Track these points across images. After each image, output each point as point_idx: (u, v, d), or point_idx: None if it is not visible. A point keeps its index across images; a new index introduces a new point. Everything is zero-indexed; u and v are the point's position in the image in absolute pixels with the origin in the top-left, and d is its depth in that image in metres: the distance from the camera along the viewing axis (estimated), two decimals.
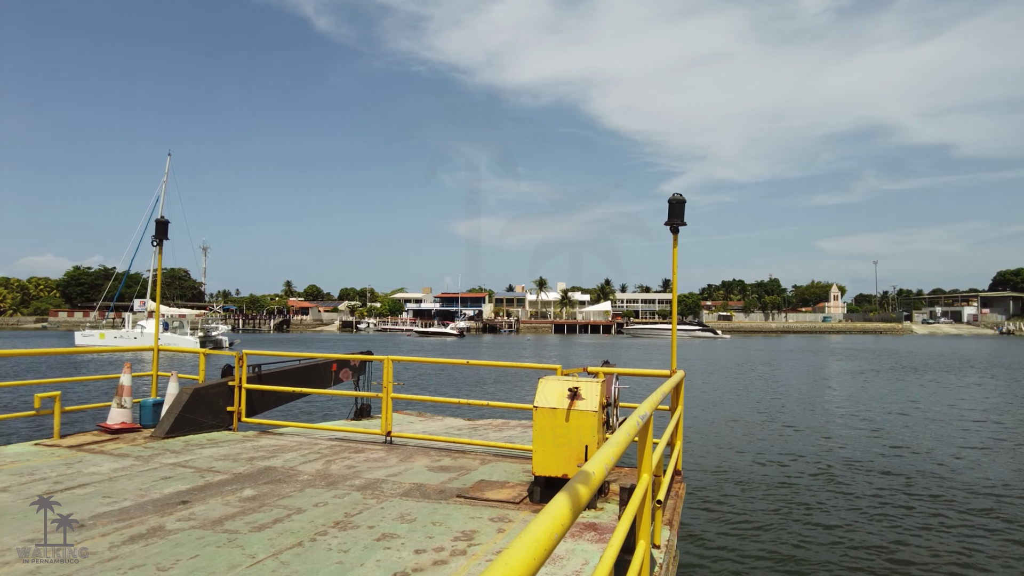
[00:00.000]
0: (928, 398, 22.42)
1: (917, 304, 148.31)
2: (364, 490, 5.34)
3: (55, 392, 7.53)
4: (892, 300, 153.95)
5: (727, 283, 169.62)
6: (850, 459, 12.48)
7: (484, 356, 50.78)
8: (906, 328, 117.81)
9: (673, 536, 4.48)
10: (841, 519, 8.85)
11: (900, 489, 10.41)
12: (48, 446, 6.83)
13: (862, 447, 13.67)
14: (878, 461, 12.35)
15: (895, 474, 11.39)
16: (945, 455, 12.92)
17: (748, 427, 15.93)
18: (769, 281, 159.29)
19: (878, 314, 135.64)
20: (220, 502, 4.85)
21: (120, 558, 3.67)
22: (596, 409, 4.91)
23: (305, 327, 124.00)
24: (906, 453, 13.13)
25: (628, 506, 2.80)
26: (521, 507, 4.96)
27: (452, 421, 9.68)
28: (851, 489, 10.36)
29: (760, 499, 9.86)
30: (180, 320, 54.53)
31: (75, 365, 30.90)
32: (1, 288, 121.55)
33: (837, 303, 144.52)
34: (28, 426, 13.04)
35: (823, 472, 11.47)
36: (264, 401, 8.57)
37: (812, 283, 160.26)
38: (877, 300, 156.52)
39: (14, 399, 17.26)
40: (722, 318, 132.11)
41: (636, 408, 3.05)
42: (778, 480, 10.96)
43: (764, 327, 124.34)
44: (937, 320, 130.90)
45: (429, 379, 26.84)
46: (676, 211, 5.81)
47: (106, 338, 52.04)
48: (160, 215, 8.62)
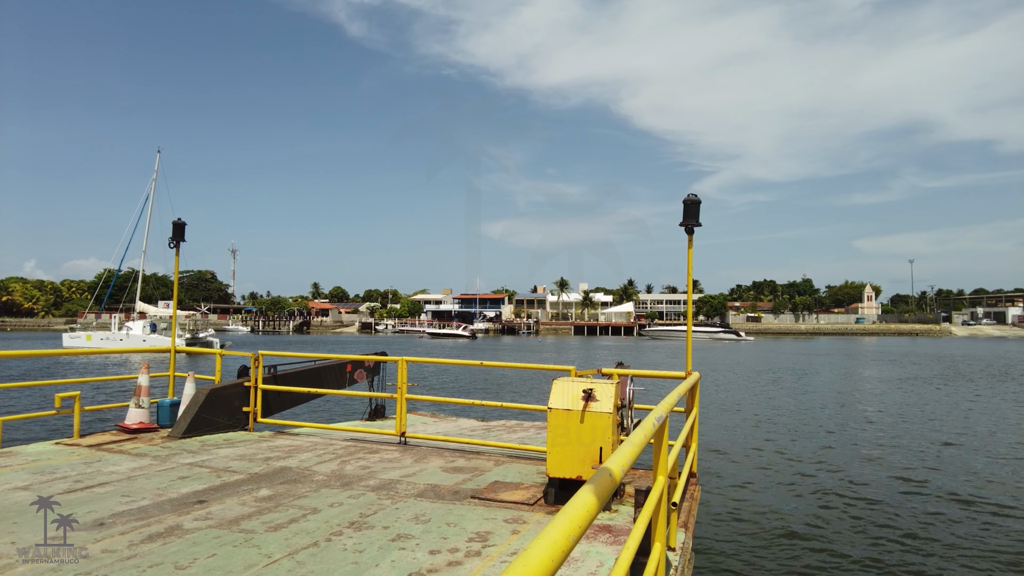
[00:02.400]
0: (983, 412, 19.87)
1: (957, 305, 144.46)
2: (379, 491, 5.43)
3: (75, 392, 7.79)
4: (930, 301, 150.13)
5: (758, 284, 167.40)
6: (877, 473, 12.09)
7: (494, 359, 50.74)
8: (944, 330, 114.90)
9: (688, 539, 4.50)
10: (862, 531, 8.71)
11: (936, 511, 9.44)
12: (68, 445, 7.05)
13: (894, 462, 13.15)
14: (910, 476, 11.99)
15: (928, 494, 10.40)
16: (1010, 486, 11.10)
17: (767, 431, 15.77)
18: (802, 281, 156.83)
19: (914, 315, 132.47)
20: (236, 502, 4.97)
21: (139, 556, 3.78)
22: (611, 411, 4.95)
23: (325, 328, 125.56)
24: (949, 476, 11.68)
25: (644, 508, 2.82)
26: (535, 509, 5.02)
27: (466, 422, 9.78)
28: (876, 501, 10.09)
29: (776, 503, 9.79)
30: (169, 321, 54.28)
31: (63, 367, 30.44)
32: (35, 291, 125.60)
33: (871, 304, 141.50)
34: (43, 426, 13.46)
35: (845, 484, 11.14)
36: (280, 401, 8.75)
37: (846, 283, 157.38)
38: (915, 301, 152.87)
39: (32, 400, 17.80)
40: (750, 319, 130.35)
41: (651, 410, 3.07)
42: (796, 487, 10.85)
43: (793, 329, 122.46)
44: (978, 321, 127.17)
45: (442, 380, 27.01)
46: (691, 212, 5.85)
47: (92, 340, 51.29)
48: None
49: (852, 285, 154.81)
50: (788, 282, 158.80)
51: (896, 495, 10.32)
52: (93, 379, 11.10)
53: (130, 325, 51.89)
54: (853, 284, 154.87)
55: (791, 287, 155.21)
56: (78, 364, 32.31)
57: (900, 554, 7.79)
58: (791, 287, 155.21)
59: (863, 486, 10.80)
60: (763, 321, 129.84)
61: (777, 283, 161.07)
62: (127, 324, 52.60)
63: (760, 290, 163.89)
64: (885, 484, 10.96)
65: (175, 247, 8.60)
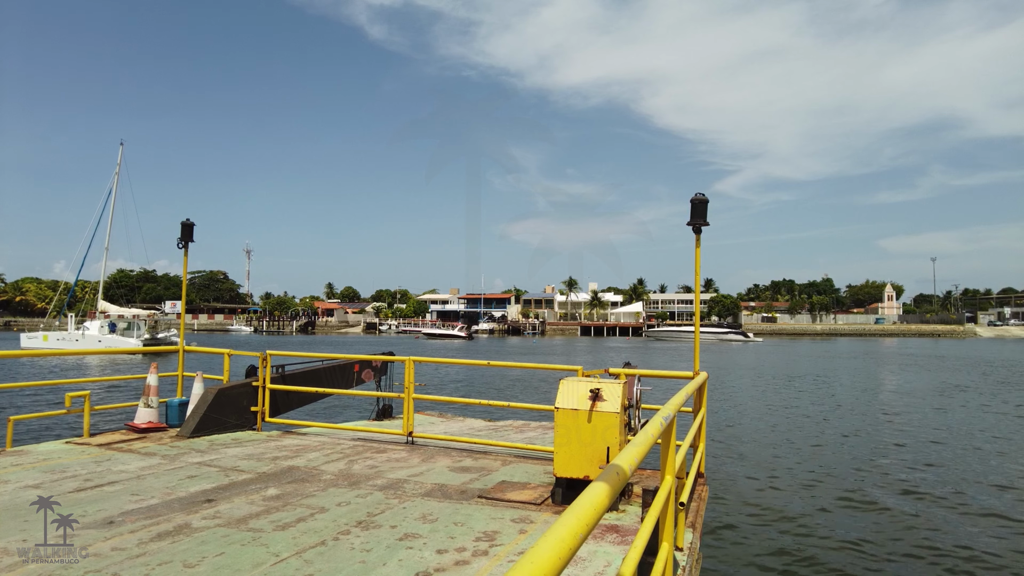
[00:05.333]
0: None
1: (984, 304, 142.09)
2: (386, 490, 5.53)
3: (85, 392, 7.98)
4: (955, 300, 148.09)
5: (776, 283, 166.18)
6: (893, 479, 11.89)
7: (491, 361, 50.22)
8: (968, 330, 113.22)
9: (696, 539, 4.57)
10: (874, 538, 8.70)
11: (960, 525, 9.02)
12: (78, 444, 7.21)
13: (911, 469, 13.02)
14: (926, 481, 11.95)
15: (952, 505, 9.91)
16: None
17: (778, 432, 15.77)
18: (821, 281, 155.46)
19: (936, 315, 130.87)
20: (245, 501, 5.08)
21: (148, 554, 3.87)
22: (618, 410, 5.02)
23: (330, 328, 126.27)
24: (979, 489, 10.88)
25: (651, 508, 2.86)
26: (543, 508, 5.10)
27: (473, 422, 9.89)
28: (889, 509, 9.94)
29: (786, 504, 9.84)
30: (132, 321, 51.70)
31: (19, 367, 29.76)
32: (49, 291, 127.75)
33: (891, 304, 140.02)
34: (58, 424, 13.73)
35: (858, 489, 10.99)
36: (287, 401, 8.91)
37: (867, 283, 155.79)
38: (939, 300, 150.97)
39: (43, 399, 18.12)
40: (765, 320, 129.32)
41: (659, 410, 3.11)
42: (806, 488, 10.86)
43: (809, 329, 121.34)
44: (1005, 322, 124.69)
45: (446, 380, 27.14)
46: (699, 211, 5.88)
47: (49, 340, 49.82)
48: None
49: (873, 285, 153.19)
50: (808, 281, 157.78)
51: (912, 503, 10.25)
52: (102, 379, 11.32)
53: (87, 325, 49.94)
54: (874, 284, 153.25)
55: (810, 287, 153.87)
56: (38, 365, 31.48)
57: (912, 563, 7.80)
58: (810, 287, 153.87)
59: (878, 490, 10.78)
60: (779, 321, 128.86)
61: (796, 283, 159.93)
62: (84, 324, 50.62)
63: (778, 290, 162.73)
64: (900, 492, 10.89)
65: (184, 247, 8.77)
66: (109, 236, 51.49)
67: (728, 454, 13.37)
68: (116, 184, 51.06)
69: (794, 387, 27.19)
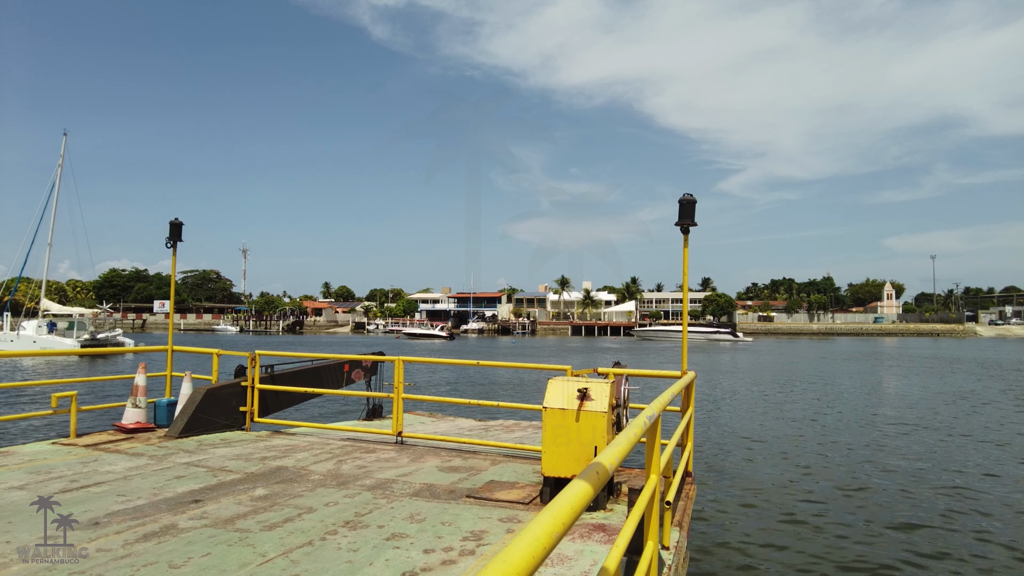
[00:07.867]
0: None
1: (986, 303, 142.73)
2: (375, 490, 5.62)
3: (71, 392, 8.03)
4: (956, 299, 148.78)
5: (775, 282, 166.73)
6: (884, 475, 12.10)
7: (479, 360, 50.02)
8: (968, 330, 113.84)
9: (683, 538, 4.68)
10: (860, 528, 8.90)
11: (954, 526, 9.03)
12: (65, 445, 7.26)
13: (902, 462, 13.35)
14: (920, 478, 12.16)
15: (949, 508, 9.82)
16: None
17: (768, 432, 15.96)
18: (822, 280, 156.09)
19: (935, 314, 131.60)
20: (232, 501, 5.14)
21: (134, 555, 3.92)
22: (606, 410, 5.12)
23: (318, 328, 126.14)
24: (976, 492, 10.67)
25: (635, 506, 2.91)
26: (531, 508, 5.19)
27: (463, 422, 10.00)
28: (881, 505, 10.11)
29: (775, 503, 9.99)
30: (74, 320, 49.67)
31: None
32: (38, 291, 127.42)
33: (891, 302, 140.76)
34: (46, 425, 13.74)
35: (848, 486, 11.16)
36: (277, 401, 9.00)
37: (867, 281, 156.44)
38: (941, 299, 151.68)
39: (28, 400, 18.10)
40: (762, 319, 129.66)
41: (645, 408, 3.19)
42: (795, 485, 11.03)
43: (805, 329, 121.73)
44: (1007, 321, 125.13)
45: (435, 380, 27.23)
46: (687, 211, 5.97)
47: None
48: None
49: (873, 283, 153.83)
50: (808, 280, 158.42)
51: (905, 499, 10.41)
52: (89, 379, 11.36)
53: (24, 325, 47.78)
54: (874, 282, 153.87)
55: (810, 285, 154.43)
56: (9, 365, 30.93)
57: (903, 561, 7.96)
58: (810, 285, 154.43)
59: (867, 490, 10.94)
60: (776, 321, 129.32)
61: (795, 281, 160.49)
62: (21, 324, 48.33)
63: (776, 289, 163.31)
64: (891, 486, 11.08)
65: (172, 247, 8.83)
66: (52, 232, 49.22)
67: (717, 453, 13.55)
68: (59, 177, 47.60)
69: (786, 390, 27.41)
